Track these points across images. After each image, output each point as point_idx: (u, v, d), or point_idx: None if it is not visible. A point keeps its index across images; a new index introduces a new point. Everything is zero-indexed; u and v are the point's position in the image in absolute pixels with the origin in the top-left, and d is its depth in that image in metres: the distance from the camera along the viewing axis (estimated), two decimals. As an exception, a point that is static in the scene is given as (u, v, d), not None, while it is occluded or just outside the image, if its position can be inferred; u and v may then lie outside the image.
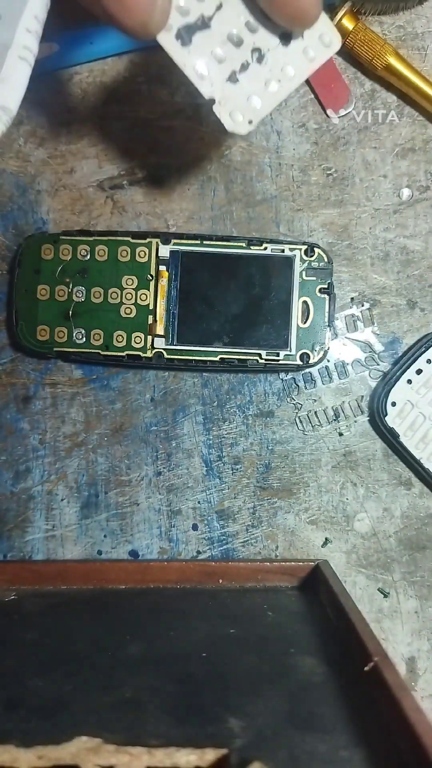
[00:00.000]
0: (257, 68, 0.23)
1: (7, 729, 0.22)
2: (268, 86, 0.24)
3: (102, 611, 0.31)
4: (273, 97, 0.24)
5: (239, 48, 0.23)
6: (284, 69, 0.24)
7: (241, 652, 0.27)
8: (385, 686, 0.22)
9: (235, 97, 0.23)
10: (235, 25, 0.23)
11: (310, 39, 0.24)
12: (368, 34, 0.35)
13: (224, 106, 0.23)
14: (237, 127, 0.24)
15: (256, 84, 0.24)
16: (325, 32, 0.24)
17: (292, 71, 0.24)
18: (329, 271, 0.36)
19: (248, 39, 0.23)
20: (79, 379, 0.37)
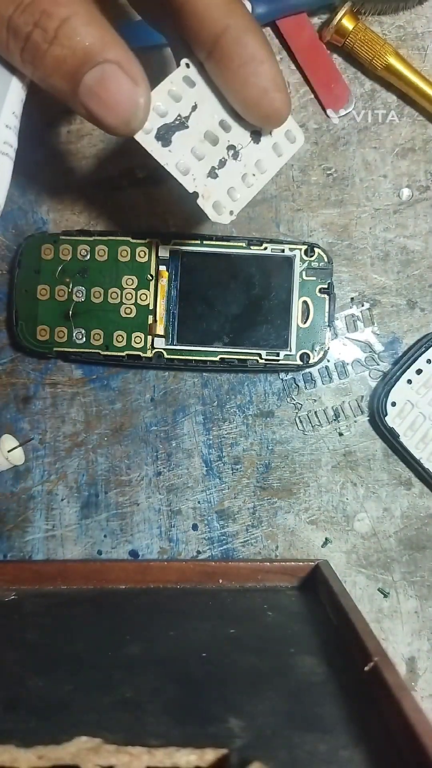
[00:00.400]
0: (234, 164, 0.25)
1: (7, 729, 0.22)
2: (245, 180, 0.25)
3: (102, 611, 0.31)
4: (250, 189, 0.26)
5: (216, 145, 0.25)
6: (258, 164, 0.25)
7: (241, 652, 0.27)
8: (385, 686, 0.22)
9: (216, 190, 0.25)
10: (210, 125, 0.25)
11: (278, 135, 0.25)
12: (368, 34, 0.35)
13: (207, 199, 0.25)
14: (220, 219, 0.25)
15: (233, 178, 0.25)
16: (291, 129, 0.26)
17: (265, 165, 0.25)
18: (329, 271, 0.36)
19: (223, 137, 0.25)
20: (79, 379, 0.37)
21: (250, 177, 0.25)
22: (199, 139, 0.25)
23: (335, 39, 0.35)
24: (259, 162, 0.25)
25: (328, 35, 0.35)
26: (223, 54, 0.23)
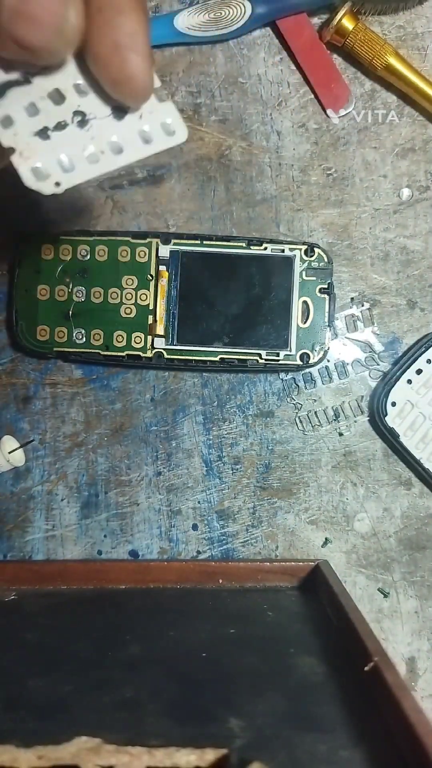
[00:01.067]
0: (76, 131, 0.21)
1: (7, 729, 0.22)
2: (89, 154, 0.22)
3: (102, 611, 0.31)
4: (93, 167, 0.22)
5: (58, 106, 0.21)
6: (112, 143, 0.22)
7: (241, 652, 0.27)
8: (385, 686, 0.22)
9: (42, 153, 0.21)
10: (61, 84, 0.21)
11: (151, 122, 0.22)
12: (368, 34, 0.35)
13: (25, 159, 0.21)
14: (39, 186, 0.21)
15: (72, 147, 0.21)
16: (171, 121, 0.22)
17: (122, 147, 0.22)
18: (329, 271, 0.36)
19: (73, 100, 0.21)
20: (79, 379, 0.37)
21: (97, 153, 0.21)
22: (40, 95, 0.21)
23: (335, 39, 0.35)
24: (114, 142, 0.22)
25: (328, 35, 0.35)
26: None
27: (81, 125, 0.21)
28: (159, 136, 0.22)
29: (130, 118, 0.22)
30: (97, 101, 0.21)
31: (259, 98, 0.37)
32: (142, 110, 0.22)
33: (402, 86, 0.36)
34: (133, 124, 0.22)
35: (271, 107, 0.37)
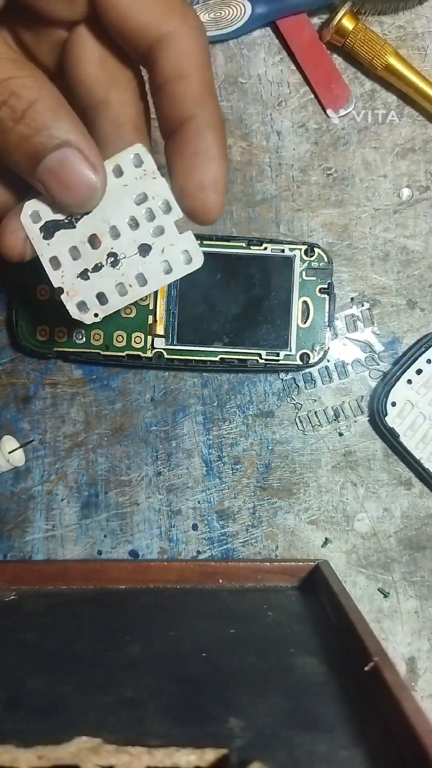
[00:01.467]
0: (110, 271, 0.25)
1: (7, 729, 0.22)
2: (120, 288, 0.25)
3: (102, 611, 0.31)
4: (123, 298, 0.25)
5: (95, 249, 0.25)
6: (138, 276, 0.25)
7: (241, 652, 0.27)
8: (385, 686, 0.22)
9: (84, 291, 0.25)
10: (98, 229, 0.25)
11: (171, 254, 0.25)
12: (368, 34, 0.35)
13: (72, 297, 0.25)
14: (82, 317, 0.25)
15: (106, 284, 0.25)
16: (189, 249, 0.25)
17: (147, 278, 0.25)
18: (329, 271, 0.36)
19: (107, 243, 0.25)
20: (79, 379, 0.37)
21: (126, 287, 0.25)
22: (81, 240, 0.25)
23: (335, 39, 0.35)
24: (140, 275, 0.25)
25: (328, 35, 0.35)
26: (181, 139, 0.24)
27: (113, 265, 0.25)
28: (178, 265, 0.25)
29: (154, 253, 0.25)
30: (126, 242, 0.25)
31: (259, 98, 0.37)
32: (164, 244, 0.25)
33: (402, 86, 0.36)
34: (156, 258, 0.25)
35: (271, 107, 0.37)
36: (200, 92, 0.24)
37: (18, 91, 0.22)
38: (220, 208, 0.24)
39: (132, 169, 0.25)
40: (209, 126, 0.24)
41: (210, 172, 0.24)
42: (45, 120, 0.22)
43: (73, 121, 0.23)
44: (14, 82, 0.22)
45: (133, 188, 0.25)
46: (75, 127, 0.23)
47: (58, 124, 0.22)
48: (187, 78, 0.24)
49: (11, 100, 0.22)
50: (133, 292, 0.25)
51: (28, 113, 0.22)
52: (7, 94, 0.22)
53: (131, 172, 0.25)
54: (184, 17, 0.24)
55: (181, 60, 0.24)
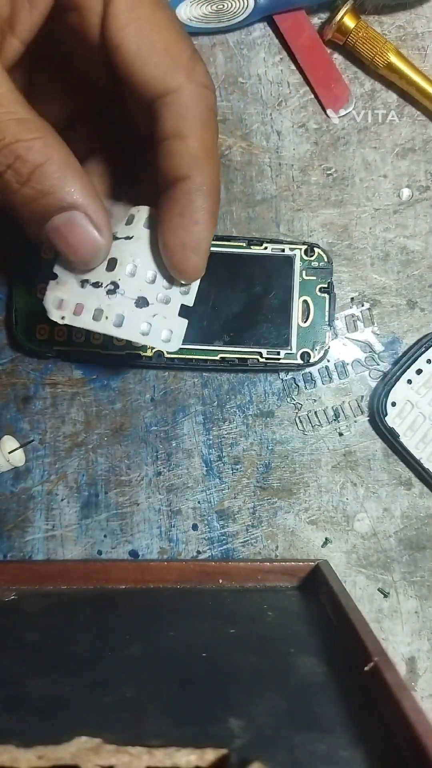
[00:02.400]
0: (102, 294, 0.25)
1: (7, 729, 0.22)
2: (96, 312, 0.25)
3: (102, 611, 0.31)
4: (92, 323, 0.26)
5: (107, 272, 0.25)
6: (118, 315, 0.25)
7: (241, 652, 0.27)
8: (385, 686, 0.22)
9: (70, 293, 0.26)
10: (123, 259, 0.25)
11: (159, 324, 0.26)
12: (369, 32, 0.35)
13: (58, 289, 0.26)
14: (51, 310, 0.26)
15: (90, 302, 0.26)
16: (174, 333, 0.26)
17: (122, 324, 0.25)
18: (329, 270, 0.36)
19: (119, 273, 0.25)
20: (79, 379, 0.37)
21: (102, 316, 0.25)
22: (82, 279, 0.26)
23: (336, 37, 0.35)
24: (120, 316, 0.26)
25: (329, 33, 0.35)
26: (171, 197, 0.24)
27: (109, 293, 0.25)
28: (156, 336, 0.26)
29: (146, 312, 0.25)
30: (134, 285, 0.25)
31: (259, 98, 0.37)
32: (159, 313, 0.25)
33: (403, 84, 0.36)
34: (144, 316, 0.25)
35: (271, 107, 0.37)
36: (197, 155, 0.24)
37: (23, 155, 0.22)
38: (200, 268, 0.25)
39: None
40: (200, 190, 0.24)
41: (193, 234, 0.24)
42: (51, 183, 0.23)
43: (81, 183, 0.23)
44: (20, 145, 0.22)
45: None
46: (82, 189, 0.23)
47: (65, 188, 0.23)
48: (185, 139, 0.24)
49: (16, 163, 0.22)
50: (103, 325, 0.26)
51: (34, 177, 0.22)
52: (12, 158, 0.22)
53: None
54: (190, 74, 0.24)
55: (182, 119, 0.24)
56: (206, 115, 0.24)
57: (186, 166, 0.24)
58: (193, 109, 0.24)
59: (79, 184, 0.23)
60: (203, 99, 0.24)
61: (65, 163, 0.23)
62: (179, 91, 0.23)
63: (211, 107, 0.24)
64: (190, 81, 0.23)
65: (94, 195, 0.24)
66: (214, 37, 0.36)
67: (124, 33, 0.23)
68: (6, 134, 0.22)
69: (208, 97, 0.24)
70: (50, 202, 0.23)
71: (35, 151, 0.22)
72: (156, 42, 0.23)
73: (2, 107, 0.22)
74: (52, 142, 0.23)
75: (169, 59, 0.23)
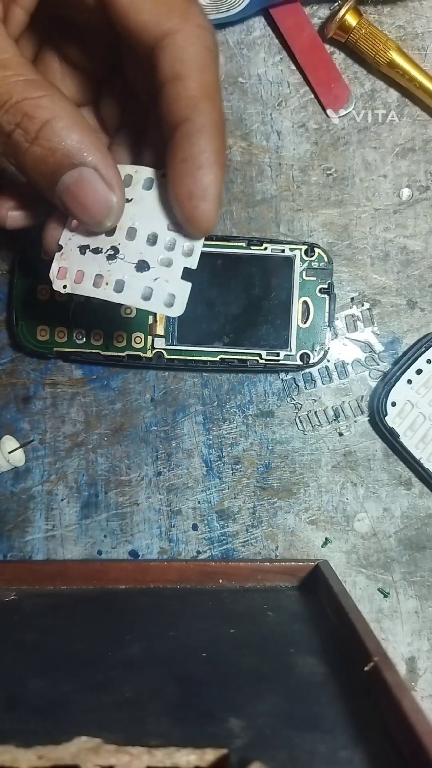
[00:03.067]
0: (102, 260, 0.25)
1: (7, 729, 0.22)
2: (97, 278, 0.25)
3: (102, 611, 0.31)
4: (94, 290, 0.25)
5: (107, 237, 0.25)
6: (118, 281, 0.25)
7: (241, 652, 0.27)
8: (385, 686, 0.22)
9: (72, 261, 0.25)
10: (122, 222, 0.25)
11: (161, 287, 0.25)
12: (371, 29, 0.35)
13: (62, 259, 0.26)
14: (54, 280, 0.26)
15: (91, 268, 0.25)
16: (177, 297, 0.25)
17: (122, 289, 0.25)
18: (329, 271, 0.36)
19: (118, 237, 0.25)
20: (79, 379, 0.37)
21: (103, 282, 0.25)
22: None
23: (338, 34, 0.35)
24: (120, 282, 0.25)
25: (331, 31, 0.35)
26: (173, 144, 0.23)
27: (109, 258, 0.25)
28: (158, 301, 0.25)
29: (147, 275, 0.25)
30: (134, 248, 0.25)
31: (259, 98, 0.37)
32: (161, 276, 0.25)
33: (405, 82, 0.36)
34: (145, 280, 0.25)
35: (271, 107, 0.37)
36: (196, 95, 0.23)
37: (31, 112, 0.22)
38: (212, 217, 0.24)
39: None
40: (201, 131, 0.23)
41: (199, 180, 0.23)
42: (60, 139, 0.22)
43: (91, 140, 0.23)
44: (27, 103, 0.22)
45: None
46: (92, 145, 0.23)
47: (74, 143, 0.22)
48: (183, 79, 0.23)
49: (24, 121, 0.22)
50: (105, 291, 0.25)
51: (42, 133, 0.22)
52: (20, 116, 0.22)
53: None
54: (184, 15, 0.23)
55: (179, 61, 0.23)
56: (204, 55, 0.23)
57: (185, 108, 0.23)
58: (190, 50, 0.23)
59: (88, 140, 0.23)
60: (200, 39, 0.23)
61: (73, 120, 0.22)
62: (175, 33, 0.23)
63: (208, 47, 0.23)
64: (185, 22, 0.23)
65: (105, 151, 0.23)
66: (214, 37, 0.37)
67: None
68: (13, 94, 0.22)
69: (205, 37, 0.23)
70: (59, 159, 0.22)
71: (42, 107, 0.22)
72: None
73: (9, 70, 0.22)
74: (59, 99, 0.22)
75: (162, 3, 0.23)
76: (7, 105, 0.22)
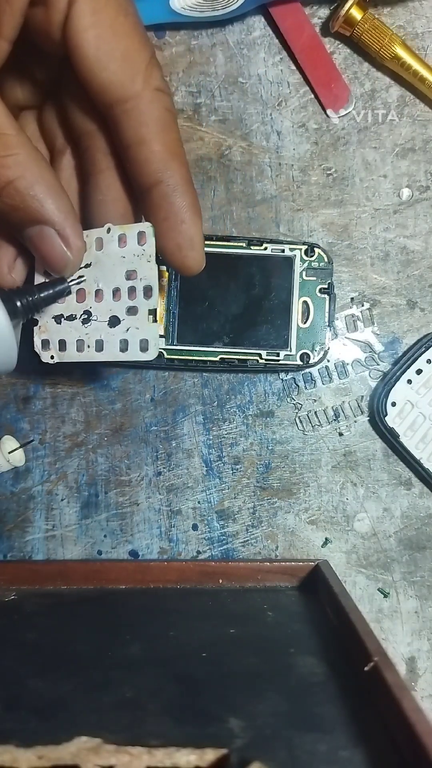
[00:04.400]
0: (78, 326, 0.27)
1: (7, 729, 0.22)
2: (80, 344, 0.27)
3: (102, 611, 0.31)
4: (79, 354, 0.27)
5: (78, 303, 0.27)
6: (98, 341, 0.27)
7: (241, 652, 0.27)
8: (385, 686, 0.22)
9: (51, 332, 0.28)
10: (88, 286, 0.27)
11: (133, 336, 0.26)
12: (376, 24, 0.35)
13: (41, 332, 0.28)
14: (41, 353, 0.28)
15: (71, 335, 0.27)
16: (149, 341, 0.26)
17: (104, 347, 0.27)
18: (329, 271, 0.36)
19: (89, 302, 0.27)
20: (79, 379, 0.37)
21: (84, 346, 0.27)
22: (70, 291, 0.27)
23: (343, 28, 0.35)
24: (100, 341, 0.27)
25: (335, 25, 0.35)
26: (151, 203, 0.25)
27: (84, 322, 0.27)
28: (134, 349, 0.26)
29: (119, 328, 0.26)
30: (104, 307, 0.27)
31: (259, 98, 0.37)
32: (131, 325, 0.26)
33: (408, 76, 0.36)
34: (119, 334, 0.26)
35: (271, 107, 0.37)
36: (163, 157, 0.25)
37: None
38: (200, 261, 0.26)
39: (134, 244, 0.26)
40: (176, 190, 0.25)
41: (183, 233, 0.25)
42: (22, 199, 0.24)
43: (55, 200, 0.24)
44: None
45: (129, 262, 0.26)
46: (55, 206, 0.24)
47: (35, 204, 0.24)
48: (148, 144, 0.24)
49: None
50: (88, 354, 0.27)
51: (6, 192, 0.23)
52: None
53: (133, 246, 0.26)
54: (146, 79, 0.24)
55: (143, 125, 0.24)
56: (165, 116, 0.25)
57: (155, 171, 0.25)
58: (152, 113, 0.24)
59: (51, 200, 0.24)
60: (160, 102, 0.25)
61: (38, 179, 0.24)
62: (137, 98, 0.24)
63: (169, 108, 0.25)
64: (146, 86, 0.24)
65: (67, 211, 0.25)
66: (214, 37, 0.36)
67: (85, 36, 0.23)
68: None
69: (164, 99, 0.25)
70: (21, 217, 0.24)
71: (7, 168, 0.23)
72: (115, 48, 0.23)
73: None
74: (24, 159, 0.23)
75: (127, 66, 0.24)
76: None
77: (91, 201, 0.27)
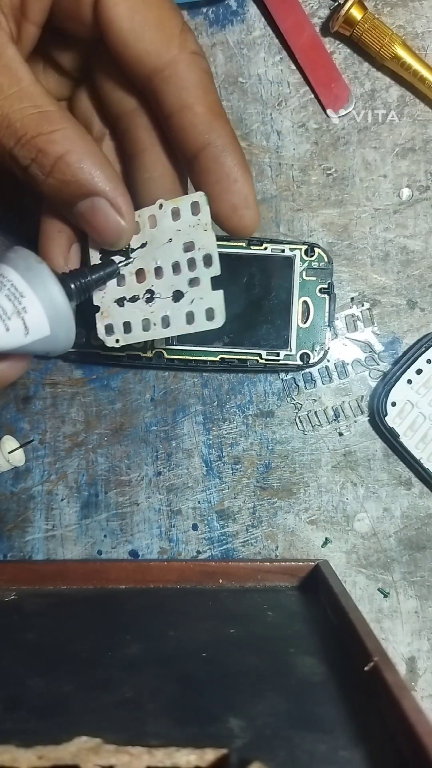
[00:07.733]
0: (143, 306, 0.27)
1: (7, 729, 0.22)
2: (145, 324, 0.27)
3: (102, 611, 0.31)
4: (144, 333, 0.27)
5: (139, 283, 0.27)
6: (164, 318, 0.26)
7: (241, 652, 0.27)
8: (385, 686, 0.22)
9: (115, 316, 0.27)
10: (146, 265, 0.27)
11: (198, 307, 0.26)
12: (376, 23, 0.35)
13: (104, 318, 0.28)
14: (106, 338, 0.28)
15: (136, 316, 0.27)
16: (215, 309, 0.26)
17: (170, 323, 0.26)
18: (329, 271, 0.36)
19: (150, 280, 0.27)
20: (79, 379, 0.37)
21: (151, 324, 0.27)
22: (130, 271, 0.27)
23: (343, 27, 0.35)
24: (166, 317, 0.26)
25: (335, 25, 0.35)
26: (201, 168, 0.25)
27: (148, 301, 0.27)
28: (200, 319, 0.26)
29: (184, 301, 0.26)
30: (165, 283, 0.26)
31: (259, 98, 0.37)
32: (195, 296, 0.26)
33: (409, 76, 0.36)
34: (184, 306, 0.26)
35: (271, 107, 0.37)
36: (208, 119, 0.25)
37: (45, 148, 0.23)
38: (257, 221, 0.26)
39: (189, 215, 0.26)
40: (224, 150, 0.25)
41: (237, 192, 0.25)
42: (73, 173, 0.23)
43: (102, 171, 0.24)
44: (41, 139, 0.23)
45: (185, 235, 0.26)
46: (105, 176, 0.24)
47: (86, 176, 0.24)
48: (191, 107, 0.24)
49: (39, 157, 0.23)
50: (155, 331, 0.27)
51: (56, 168, 0.23)
52: (35, 151, 0.23)
53: (187, 218, 0.26)
54: (182, 44, 0.24)
55: (184, 90, 0.24)
56: (204, 78, 0.25)
57: (202, 133, 0.25)
58: (191, 77, 0.24)
59: (101, 171, 0.24)
60: (197, 64, 0.25)
61: (86, 152, 0.23)
62: (175, 63, 0.24)
63: (206, 70, 0.25)
64: (183, 51, 0.24)
65: (116, 181, 0.24)
66: (214, 37, 0.37)
67: (117, 9, 0.23)
68: (28, 129, 0.23)
69: (201, 62, 0.25)
70: (73, 190, 0.24)
71: (56, 143, 0.23)
72: (148, 17, 0.24)
73: (24, 101, 0.23)
74: (71, 133, 0.23)
75: (162, 33, 0.24)
76: (23, 140, 0.23)
77: (137, 180, 0.27)
